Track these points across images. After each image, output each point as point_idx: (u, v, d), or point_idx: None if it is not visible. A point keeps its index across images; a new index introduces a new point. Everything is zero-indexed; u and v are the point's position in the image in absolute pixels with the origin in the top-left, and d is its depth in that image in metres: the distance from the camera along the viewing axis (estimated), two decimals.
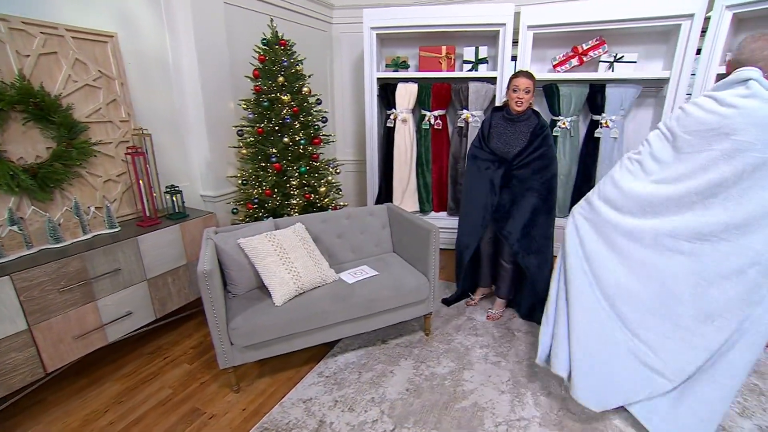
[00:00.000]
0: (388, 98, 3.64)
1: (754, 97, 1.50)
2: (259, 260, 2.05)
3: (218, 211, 3.01)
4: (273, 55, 2.69)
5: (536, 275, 2.42)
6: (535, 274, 2.42)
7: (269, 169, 2.80)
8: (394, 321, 2.27)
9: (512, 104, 2.29)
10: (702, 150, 1.52)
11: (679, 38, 2.88)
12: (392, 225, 2.65)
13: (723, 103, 1.50)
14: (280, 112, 2.73)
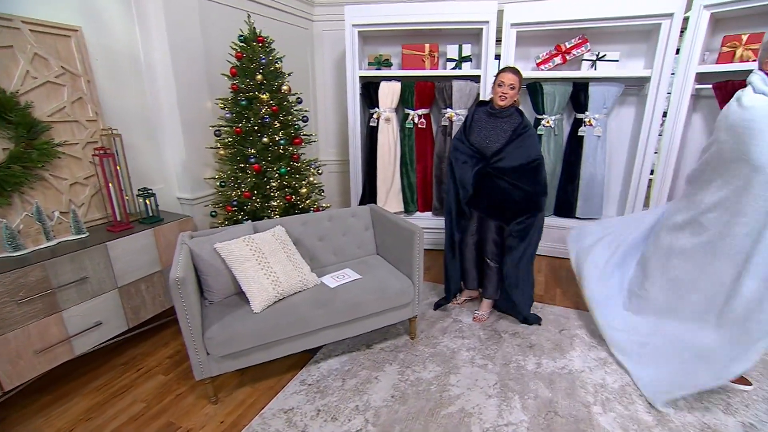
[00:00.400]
0: (371, 97, 3.58)
1: (736, 100, 1.63)
2: (236, 265, 1.97)
3: (196, 214, 2.90)
4: (251, 53, 2.60)
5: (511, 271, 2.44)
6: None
7: (248, 171, 2.71)
8: (378, 325, 2.22)
9: (496, 98, 2.27)
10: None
11: (660, 37, 2.90)
12: (375, 226, 2.59)
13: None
14: (259, 112, 2.64)
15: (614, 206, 3.63)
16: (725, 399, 1.94)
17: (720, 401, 1.93)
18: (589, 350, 2.30)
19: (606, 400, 1.92)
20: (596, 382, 2.04)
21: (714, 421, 1.81)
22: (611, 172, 3.51)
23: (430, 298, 2.89)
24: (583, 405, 1.89)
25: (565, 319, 2.61)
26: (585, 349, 2.30)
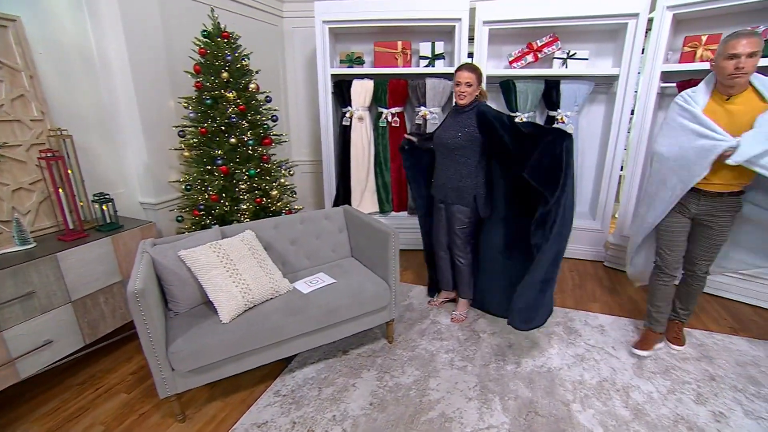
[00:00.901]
0: (343, 95, 3.50)
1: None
2: (202, 274, 1.85)
3: (161, 220, 2.75)
4: (215, 49, 2.47)
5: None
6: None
7: (215, 173, 2.58)
8: (354, 331, 2.15)
9: (456, 97, 2.27)
10: None
11: (626, 37, 2.96)
12: (350, 228, 2.52)
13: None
14: (226, 111, 2.52)
15: (587, 203, 3.69)
16: (696, 389, 1.98)
17: (691, 391, 1.97)
18: (566, 347, 2.31)
19: (585, 397, 1.92)
20: (575, 379, 2.04)
21: (687, 411, 1.85)
22: (583, 169, 3.57)
23: (407, 300, 2.84)
24: (563, 403, 1.88)
25: None
26: (563, 346, 2.31)
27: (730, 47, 1.72)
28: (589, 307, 2.75)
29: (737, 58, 1.70)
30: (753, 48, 1.68)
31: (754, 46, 1.68)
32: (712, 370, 2.13)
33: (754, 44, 1.68)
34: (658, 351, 2.27)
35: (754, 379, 2.07)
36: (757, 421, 1.80)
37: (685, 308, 2.29)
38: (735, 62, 1.71)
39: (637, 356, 2.22)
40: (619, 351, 2.27)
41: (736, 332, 2.48)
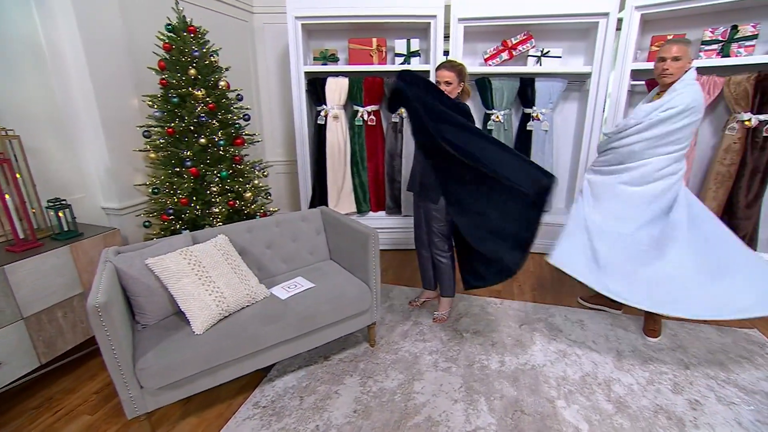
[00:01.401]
0: (317, 93, 3.41)
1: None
2: (173, 282, 1.74)
3: (126, 226, 2.59)
4: (181, 44, 2.34)
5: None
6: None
7: (185, 175, 2.45)
8: (335, 336, 2.08)
9: None
10: None
11: (597, 35, 3.01)
12: (327, 230, 2.45)
13: None
14: (194, 110, 2.40)
15: (563, 198, 3.75)
16: (672, 379, 2.03)
17: (668, 381, 2.01)
18: (548, 343, 2.32)
19: (569, 392, 1.93)
20: (558, 375, 2.05)
21: (665, 401, 1.88)
22: (558, 165, 3.62)
23: (388, 302, 2.79)
24: (548, 400, 1.88)
25: (524, 314, 2.63)
26: (545, 343, 2.32)
27: (661, 52, 2.01)
28: (569, 302, 2.78)
29: (664, 62, 1.98)
30: (677, 54, 1.95)
31: (679, 52, 1.95)
32: (686, 359, 2.18)
33: (679, 51, 1.95)
34: (637, 344, 2.31)
35: (724, 365, 2.14)
36: (729, 407, 1.85)
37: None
38: (662, 64, 1.99)
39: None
40: (599, 345, 2.30)
41: (706, 322, 2.56)
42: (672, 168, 2.04)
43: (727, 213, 2.80)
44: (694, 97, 1.92)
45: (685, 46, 1.97)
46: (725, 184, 2.77)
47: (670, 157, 2.02)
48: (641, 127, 2.02)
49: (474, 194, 2.10)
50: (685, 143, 2.01)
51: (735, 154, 2.71)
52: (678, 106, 1.92)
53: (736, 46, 2.64)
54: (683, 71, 1.98)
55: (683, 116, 1.93)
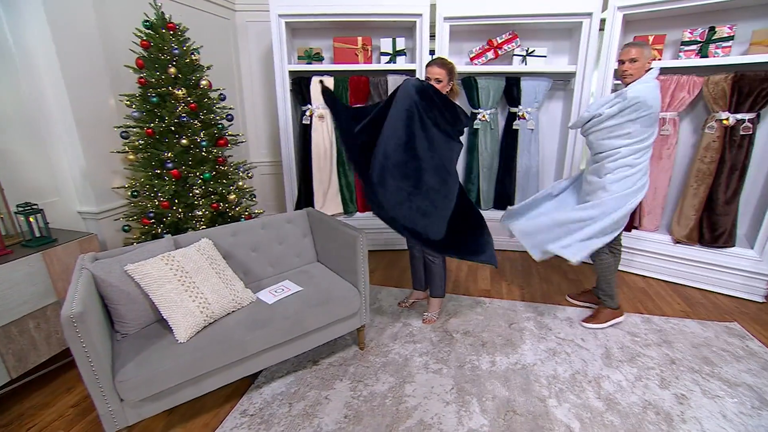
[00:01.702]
0: (302, 93, 3.36)
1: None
2: (154, 289, 1.67)
3: (105, 231, 2.50)
4: (160, 41, 2.26)
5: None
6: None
7: (166, 177, 2.37)
8: (324, 340, 2.04)
9: None
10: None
11: (581, 35, 3.04)
12: (314, 232, 2.40)
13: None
14: (175, 110, 2.32)
15: None
16: (659, 374, 2.06)
17: (655, 376, 2.04)
18: (538, 342, 2.32)
19: (560, 391, 1.94)
20: (549, 374, 2.05)
21: (653, 397, 1.90)
22: (544, 164, 3.65)
23: (377, 303, 2.76)
24: (539, 399, 1.88)
25: (513, 312, 2.63)
26: (535, 341, 2.33)
27: (620, 55, 2.16)
28: (558, 300, 2.80)
29: (623, 64, 2.13)
30: (634, 56, 2.09)
31: (636, 54, 2.08)
32: (672, 353, 2.22)
33: (635, 53, 2.09)
34: (624, 340, 2.34)
35: (708, 359, 2.18)
36: (714, 400, 1.89)
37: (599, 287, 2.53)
38: (622, 66, 2.14)
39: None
40: (588, 342, 2.32)
41: (688, 315, 2.61)
42: (628, 160, 2.15)
43: (707, 209, 2.86)
44: (639, 93, 2.04)
45: (641, 48, 2.09)
46: (706, 182, 2.83)
47: (623, 150, 2.14)
48: (595, 121, 2.20)
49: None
50: (638, 138, 2.11)
51: (714, 152, 2.77)
52: (623, 101, 2.07)
53: (713, 46, 2.70)
54: (643, 71, 2.11)
55: (631, 110, 2.06)
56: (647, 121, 2.09)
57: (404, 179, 2.13)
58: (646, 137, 2.12)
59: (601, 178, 2.23)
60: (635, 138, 2.11)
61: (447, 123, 2.14)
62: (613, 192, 2.18)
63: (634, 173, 2.16)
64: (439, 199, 2.20)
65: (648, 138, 2.13)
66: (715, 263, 2.85)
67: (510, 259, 3.51)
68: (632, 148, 2.13)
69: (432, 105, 2.09)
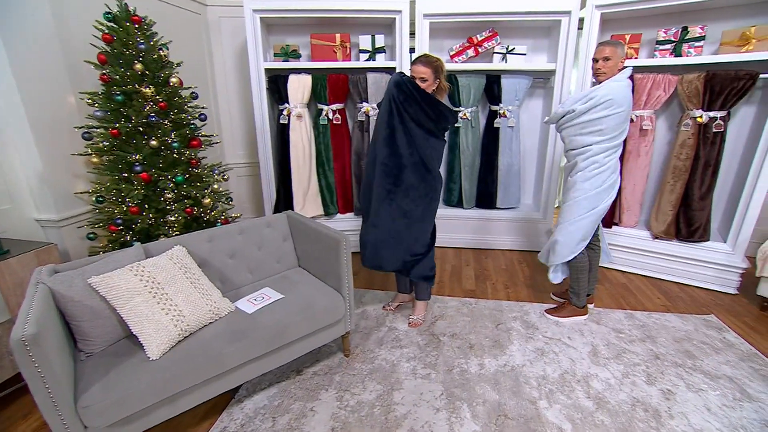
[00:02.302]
0: (279, 91, 3.24)
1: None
2: (122, 303, 1.54)
3: (68, 239, 2.32)
4: (124, 35, 2.12)
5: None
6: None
7: (134, 181, 2.22)
8: (307, 350, 1.95)
9: None
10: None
11: (561, 33, 3.05)
12: (295, 236, 2.31)
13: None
14: (142, 109, 2.17)
15: (530, 194, 3.80)
16: (645, 370, 2.07)
17: (641, 373, 2.05)
18: (526, 342, 2.30)
19: (549, 392, 1.91)
20: (538, 375, 2.03)
21: (641, 393, 1.91)
22: (525, 162, 3.66)
23: (361, 307, 2.69)
24: (530, 402, 1.85)
25: (499, 313, 2.61)
26: (522, 342, 2.30)
27: (594, 53, 2.19)
28: (542, 298, 2.80)
29: (596, 62, 2.15)
30: (607, 54, 2.11)
31: (609, 53, 2.11)
32: (656, 348, 2.24)
33: (608, 52, 2.11)
34: (610, 337, 2.35)
35: (690, 353, 2.21)
36: (698, 393, 1.91)
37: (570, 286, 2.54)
38: (595, 65, 2.17)
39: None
40: (574, 340, 2.31)
41: (669, 309, 2.66)
42: (598, 158, 2.18)
43: (684, 205, 2.92)
44: (609, 91, 2.08)
45: (615, 47, 2.12)
46: (682, 178, 2.88)
47: (594, 147, 2.16)
48: (568, 117, 2.22)
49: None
50: (610, 135, 2.14)
51: (690, 149, 2.83)
52: (594, 97, 2.11)
53: (686, 46, 2.75)
54: (616, 70, 2.13)
55: (601, 107, 2.09)
56: (617, 119, 2.12)
57: (386, 176, 2.14)
58: (615, 135, 2.16)
59: (572, 176, 2.27)
60: (606, 135, 2.14)
61: (429, 119, 2.08)
62: (585, 190, 2.22)
63: (603, 170, 2.19)
64: (419, 198, 2.16)
65: (618, 137, 2.17)
66: (691, 257, 2.92)
67: (493, 257, 3.51)
68: (603, 146, 2.16)
69: (410, 99, 2.04)
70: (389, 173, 2.12)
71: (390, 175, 2.12)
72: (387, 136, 2.09)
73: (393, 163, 2.11)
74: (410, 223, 2.19)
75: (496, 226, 3.59)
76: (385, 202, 2.16)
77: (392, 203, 2.15)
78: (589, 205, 2.23)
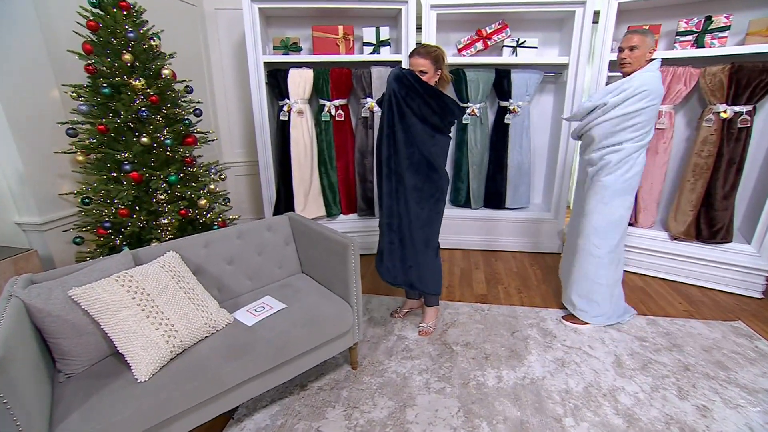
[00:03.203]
0: (279, 86, 3.08)
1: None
2: (107, 318, 1.38)
3: (52, 244, 2.17)
4: (111, 23, 1.95)
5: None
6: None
7: (124, 181, 2.06)
8: (312, 364, 1.79)
9: None
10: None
11: (575, 24, 2.90)
12: (297, 240, 2.15)
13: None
14: (132, 103, 2.01)
15: (539, 194, 3.65)
16: (675, 383, 1.92)
17: (672, 386, 1.90)
18: (545, 351, 2.15)
19: (575, 408, 1.76)
20: (561, 389, 1.88)
21: (674, 410, 1.76)
22: (535, 160, 3.51)
23: (368, 314, 2.53)
24: (555, 419, 1.70)
25: (514, 319, 2.46)
26: (541, 351, 2.16)
27: (621, 42, 2.02)
28: (558, 303, 2.65)
29: (623, 51, 2.00)
30: (633, 43, 1.96)
31: (636, 41, 1.95)
32: (684, 359, 2.09)
33: (636, 40, 1.95)
34: (633, 345, 2.20)
35: (722, 363, 2.06)
36: (737, 410, 1.76)
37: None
38: (621, 54, 2.01)
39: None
40: (596, 350, 2.16)
41: (692, 315, 2.52)
42: (631, 158, 2.04)
43: (705, 205, 2.78)
44: (643, 82, 1.93)
45: (644, 36, 1.96)
46: (703, 176, 2.74)
47: (627, 146, 2.02)
48: (599, 111, 2.05)
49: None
50: (642, 131, 2.00)
51: (712, 146, 2.68)
52: (628, 88, 1.96)
53: (710, 37, 2.61)
54: (643, 61, 1.98)
55: (636, 99, 1.94)
56: (651, 112, 1.98)
57: (388, 179, 2.02)
58: (647, 131, 2.02)
59: (599, 180, 2.12)
60: (639, 131, 2.00)
61: (433, 113, 1.93)
62: (619, 193, 2.08)
63: (635, 174, 2.08)
64: (424, 200, 2.02)
65: (647, 135, 2.03)
66: (713, 259, 2.78)
67: (503, 260, 3.36)
68: (635, 144, 2.02)
69: (412, 93, 1.89)
70: (391, 174, 2.00)
71: (391, 177, 2.01)
72: (388, 135, 1.96)
73: (395, 164, 1.98)
74: (418, 226, 2.05)
75: (506, 226, 3.45)
76: (393, 205, 2.03)
77: (398, 205, 2.02)
78: (624, 223, 2.14)
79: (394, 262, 2.11)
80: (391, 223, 2.07)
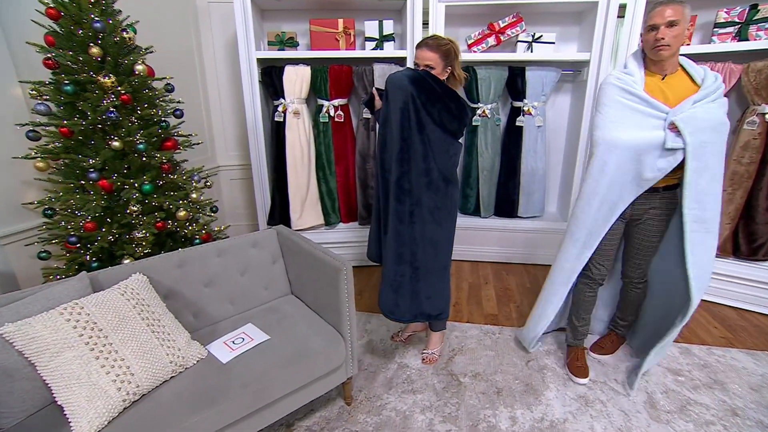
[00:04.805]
0: (274, 85, 2.85)
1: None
2: (45, 361, 1.16)
3: (15, 259, 1.95)
4: (75, 11, 1.72)
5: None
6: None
7: (91, 190, 1.84)
8: (298, 405, 1.55)
9: None
10: None
11: (597, 17, 2.62)
12: (286, 257, 1.91)
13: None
14: (99, 102, 1.79)
15: (554, 202, 3.38)
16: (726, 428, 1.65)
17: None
18: (564, 386, 1.89)
19: None
20: None
21: None
22: (549, 165, 3.24)
23: (365, 337, 2.29)
24: None
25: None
26: (560, 386, 1.90)
27: (650, 18, 1.50)
28: None
29: (656, 30, 1.48)
30: (672, 17, 1.44)
31: (674, 15, 1.44)
32: (730, 400, 1.82)
33: (674, 13, 1.44)
34: (666, 381, 1.93)
35: None
36: None
37: (624, 319, 2.08)
38: (654, 34, 1.49)
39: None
40: (624, 385, 1.89)
41: (732, 343, 2.23)
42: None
43: (745, 217, 2.49)
44: (720, 80, 1.55)
45: (682, 6, 1.45)
46: (743, 185, 2.45)
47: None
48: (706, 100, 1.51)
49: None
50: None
51: (755, 152, 2.39)
52: (720, 87, 1.52)
53: (755, 28, 2.32)
54: (684, 40, 1.53)
55: (718, 93, 1.52)
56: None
57: (399, 201, 1.71)
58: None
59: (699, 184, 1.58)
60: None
61: (454, 118, 1.68)
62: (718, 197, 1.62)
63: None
64: (444, 219, 1.76)
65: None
66: (753, 278, 2.49)
67: (515, 273, 3.09)
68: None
69: (434, 97, 1.63)
70: (401, 197, 1.69)
71: (404, 200, 1.70)
72: (401, 150, 1.65)
73: (409, 183, 1.67)
74: (438, 251, 1.79)
75: (518, 237, 3.18)
76: (405, 231, 1.73)
77: (413, 230, 1.73)
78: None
79: (404, 299, 1.79)
80: (402, 253, 1.74)
